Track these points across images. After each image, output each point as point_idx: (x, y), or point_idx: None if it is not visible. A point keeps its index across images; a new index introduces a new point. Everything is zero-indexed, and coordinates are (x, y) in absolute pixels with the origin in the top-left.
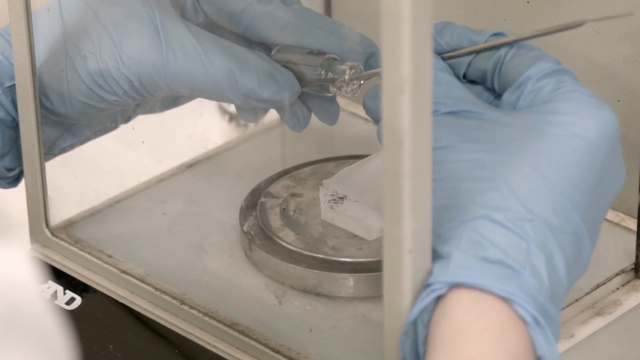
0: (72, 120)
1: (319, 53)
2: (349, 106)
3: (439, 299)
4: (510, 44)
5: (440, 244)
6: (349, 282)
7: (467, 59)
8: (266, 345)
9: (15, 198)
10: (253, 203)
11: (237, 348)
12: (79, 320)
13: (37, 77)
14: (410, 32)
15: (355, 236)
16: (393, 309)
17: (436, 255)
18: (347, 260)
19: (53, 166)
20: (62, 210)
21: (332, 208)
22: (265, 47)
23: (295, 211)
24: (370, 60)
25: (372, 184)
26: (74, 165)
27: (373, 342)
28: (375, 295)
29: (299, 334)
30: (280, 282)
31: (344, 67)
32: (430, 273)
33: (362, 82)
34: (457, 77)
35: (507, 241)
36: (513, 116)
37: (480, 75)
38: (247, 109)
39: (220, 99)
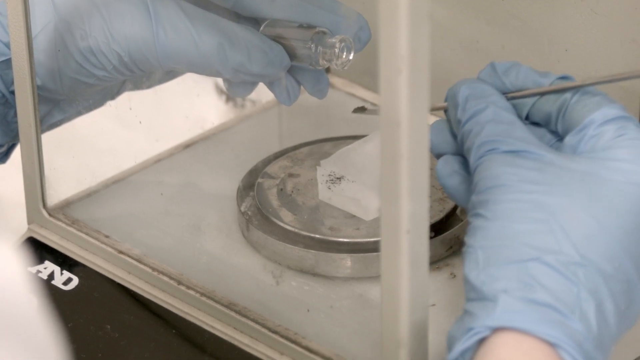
0: (61, 96)
1: (309, 27)
2: (346, 87)
3: (482, 340)
4: (575, 89)
5: (487, 285)
6: (346, 262)
7: (531, 101)
8: (263, 326)
9: (12, 179)
10: (250, 183)
11: (234, 328)
12: (76, 301)
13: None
14: (408, 12)
15: (353, 216)
16: (390, 289)
17: (482, 296)
18: (345, 240)
19: (50, 146)
20: (59, 190)
21: (329, 188)
22: (254, 21)
23: (292, 191)
24: (359, 33)
25: (370, 165)
26: (71, 146)
27: (370, 322)
28: (373, 275)
29: (296, 314)
30: (278, 263)
31: (333, 40)
32: (472, 315)
33: (351, 55)
34: (520, 117)
35: (557, 285)
36: (573, 160)
37: (543, 117)
38: (236, 84)
39: (210, 73)
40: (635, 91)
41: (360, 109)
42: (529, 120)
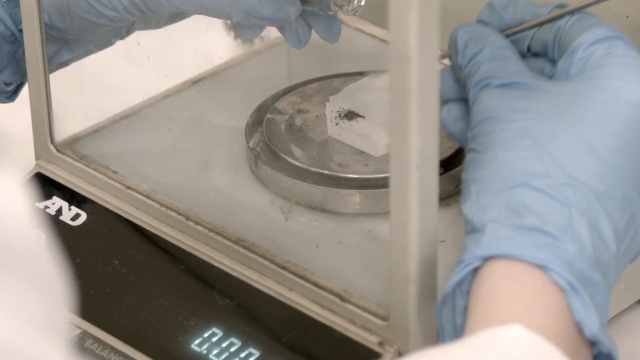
0: (70, 35)
1: None
2: (355, 22)
3: (476, 270)
4: (571, 13)
5: (478, 216)
6: (355, 199)
7: (531, 33)
8: (272, 262)
9: (20, 115)
10: (259, 119)
11: (243, 264)
12: (84, 236)
13: None
14: None
15: (362, 152)
16: (399, 225)
17: (472, 228)
18: (354, 176)
19: (57, 82)
20: (66, 126)
21: (338, 124)
22: None
23: (301, 127)
24: None
25: (379, 100)
26: (79, 81)
27: (379, 258)
28: (382, 211)
29: (305, 250)
30: (286, 199)
31: None
32: (465, 248)
33: (363, 1)
34: (521, 51)
35: (547, 208)
36: (562, 84)
37: (542, 47)
38: (244, 26)
39: (221, 15)
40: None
41: None
42: (530, 52)
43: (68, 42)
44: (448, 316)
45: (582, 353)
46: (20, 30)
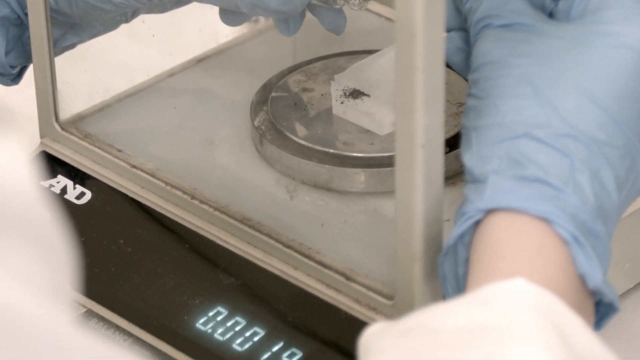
0: (76, 20)
1: None
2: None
3: (478, 222)
4: None
5: (479, 166)
6: (360, 177)
7: None
8: (277, 240)
9: (25, 93)
10: (264, 98)
11: (248, 243)
12: (89, 215)
13: None
14: None
15: (367, 131)
16: (405, 203)
17: (474, 178)
18: (359, 155)
19: (62, 60)
20: (71, 104)
21: (343, 103)
22: None
23: (306, 106)
24: None
25: (385, 79)
26: (83, 60)
27: (385, 237)
28: (387, 190)
29: (310, 229)
30: (292, 177)
31: None
32: (467, 199)
33: None
34: None
35: (548, 158)
36: (563, 27)
37: None
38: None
39: (227, 4)
40: None
41: None
42: None
43: (74, 26)
44: (450, 267)
45: (584, 304)
46: (26, 14)
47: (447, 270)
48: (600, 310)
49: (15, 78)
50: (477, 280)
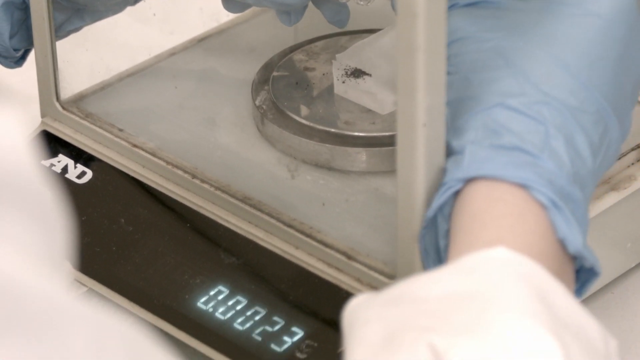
0: (80, 5)
1: None
2: None
3: (457, 193)
4: None
5: (455, 138)
6: (361, 157)
7: None
8: (278, 219)
9: (26, 73)
10: (265, 77)
11: (249, 222)
12: (90, 194)
13: None
14: None
15: (369, 110)
16: (406, 183)
17: (451, 151)
18: (360, 134)
19: (63, 40)
20: (72, 84)
21: (345, 82)
22: None
23: (308, 85)
24: None
25: (386, 58)
26: (84, 39)
27: (386, 216)
28: (389, 169)
29: (311, 208)
30: (293, 157)
31: None
32: (444, 170)
33: None
34: None
35: (523, 126)
36: (528, 2)
37: None
38: (232, 1)
39: None
40: None
41: None
42: None
43: (79, 10)
44: (431, 240)
45: (565, 269)
46: None
47: (428, 243)
48: (581, 278)
49: (19, 61)
50: (460, 249)
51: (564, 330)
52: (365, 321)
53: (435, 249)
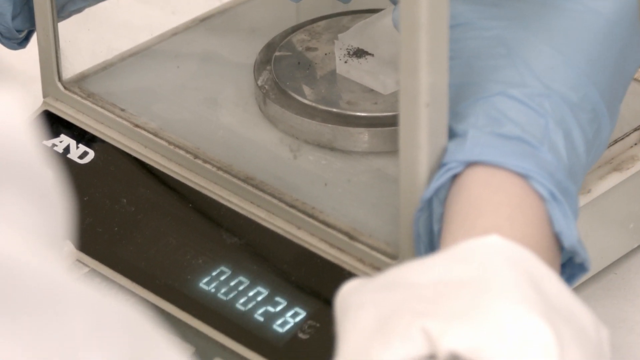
0: None
1: None
2: None
3: (455, 177)
4: None
5: (456, 122)
6: (364, 137)
7: None
8: (280, 200)
9: (28, 53)
10: (268, 57)
11: (251, 202)
12: (92, 174)
13: None
14: None
15: (371, 90)
16: (409, 163)
17: (452, 134)
18: (363, 114)
19: (65, 20)
20: (74, 63)
21: (347, 62)
22: None
23: (310, 65)
24: None
25: (389, 38)
26: (86, 19)
27: (388, 197)
28: (391, 150)
29: (313, 188)
30: (295, 137)
31: None
32: (445, 151)
33: None
34: None
35: (525, 117)
36: None
37: None
38: None
39: None
40: None
41: None
42: None
43: None
44: (425, 224)
45: (554, 263)
46: None
47: (422, 227)
48: (566, 271)
49: (22, 42)
50: (455, 235)
51: (556, 316)
52: (359, 306)
53: (427, 233)
